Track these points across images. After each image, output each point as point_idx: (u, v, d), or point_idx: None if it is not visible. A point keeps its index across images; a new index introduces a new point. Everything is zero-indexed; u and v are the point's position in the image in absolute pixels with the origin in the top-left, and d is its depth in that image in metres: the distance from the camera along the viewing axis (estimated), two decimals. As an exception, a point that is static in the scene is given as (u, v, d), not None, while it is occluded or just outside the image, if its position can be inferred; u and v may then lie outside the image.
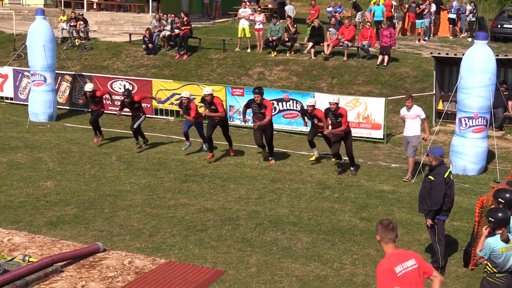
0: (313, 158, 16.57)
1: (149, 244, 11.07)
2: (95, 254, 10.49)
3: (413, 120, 15.06)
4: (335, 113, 15.42)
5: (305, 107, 16.89)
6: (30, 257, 10.04)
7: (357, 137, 19.03)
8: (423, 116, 15.16)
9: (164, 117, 21.53)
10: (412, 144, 15.04)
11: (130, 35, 27.39)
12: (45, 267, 9.70)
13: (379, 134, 19.05)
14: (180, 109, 17.44)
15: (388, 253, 6.20)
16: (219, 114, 16.36)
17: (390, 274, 6.03)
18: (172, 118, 21.39)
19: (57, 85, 22.19)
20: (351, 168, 15.80)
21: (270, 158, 16.62)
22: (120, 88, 21.95)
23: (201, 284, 9.59)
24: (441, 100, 20.18)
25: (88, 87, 18.16)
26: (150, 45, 25.64)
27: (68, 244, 11.02)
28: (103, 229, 11.72)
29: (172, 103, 21.26)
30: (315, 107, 16.26)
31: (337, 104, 15.45)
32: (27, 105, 21.66)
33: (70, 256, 10.19)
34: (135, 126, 17.46)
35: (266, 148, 16.64)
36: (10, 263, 9.79)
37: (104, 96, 19.13)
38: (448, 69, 20.43)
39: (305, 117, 16.87)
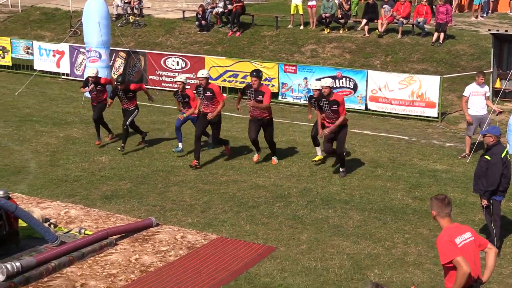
0: (317, 158, 14.60)
1: (201, 220, 11.17)
2: (148, 228, 10.64)
3: (482, 98, 14.71)
4: (329, 100, 13.31)
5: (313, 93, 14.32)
6: (86, 230, 10.25)
7: (410, 115, 18.87)
8: (489, 93, 14.81)
9: (216, 93, 21.59)
10: (483, 122, 14.67)
11: (183, 11, 27.47)
12: (100, 240, 9.88)
13: (433, 112, 18.81)
14: (176, 100, 15.54)
15: (446, 226, 6.25)
16: (218, 109, 14.16)
17: (451, 245, 6.08)
18: (225, 94, 21.42)
19: (111, 61, 22.44)
20: (340, 170, 13.76)
21: (272, 157, 14.60)
22: (173, 65, 22.08)
23: (252, 260, 9.65)
24: (498, 78, 19.79)
25: (92, 71, 15.94)
26: (203, 22, 25.68)
27: (122, 218, 11.20)
28: (156, 204, 11.86)
29: (224, 80, 21.31)
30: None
31: (330, 88, 13.27)
32: (82, 80, 21.96)
33: (124, 230, 10.36)
34: (127, 123, 15.27)
35: (257, 154, 14.56)
36: (66, 235, 10.01)
37: (107, 86, 16.49)
38: (507, 47, 19.97)
39: (312, 105, 14.81)
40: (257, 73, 14.24)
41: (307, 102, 15.47)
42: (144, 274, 9.20)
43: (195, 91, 14.69)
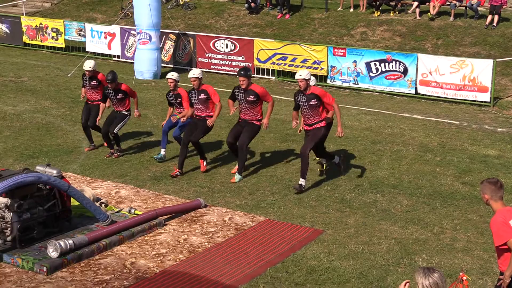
0: (322, 168, 12.75)
1: (249, 202, 11.24)
2: (196, 210, 10.75)
3: None
4: (306, 94, 11.90)
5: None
6: (136, 210, 10.40)
7: (461, 99, 18.63)
8: None
9: (265, 76, 21.58)
10: None
11: (233, -6, 27.51)
12: (149, 220, 10.04)
13: (485, 97, 18.53)
14: (169, 101, 13.78)
15: (499, 209, 6.22)
16: (216, 113, 12.75)
17: (506, 226, 6.07)
18: (273, 77, 21.43)
19: (161, 43, 22.59)
20: (337, 162, 12.57)
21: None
22: (222, 47, 22.13)
23: (300, 242, 9.68)
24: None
25: (88, 65, 13.77)
26: (252, 4, 25.64)
27: (171, 198, 11.34)
28: (204, 186, 11.97)
29: (273, 63, 21.30)
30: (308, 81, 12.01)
31: (306, 80, 11.77)
32: (133, 63, 22.18)
33: (173, 210, 10.48)
34: (115, 130, 13.40)
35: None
36: (117, 214, 10.18)
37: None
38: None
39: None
40: (245, 72, 12.73)
41: (355, 85, 15.29)
42: (192, 254, 9.31)
43: (189, 93, 13.11)
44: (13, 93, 18.80)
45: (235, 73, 21.66)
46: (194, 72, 12.93)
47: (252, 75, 21.15)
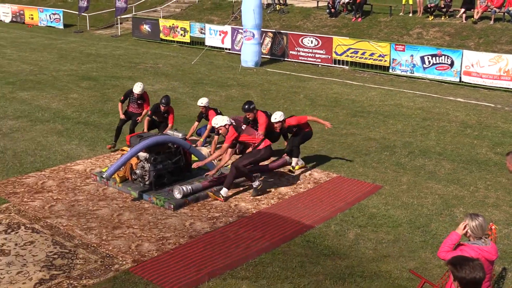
0: (297, 168, 10.71)
1: (325, 162, 11.19)
2: (284, 166, 10.76)
3: None
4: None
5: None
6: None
7: (497, 87, 17.90)
8: None
9: (341, 66, 21.28)
10: None
11: (317, 2, 27.08)
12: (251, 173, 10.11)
13: (517, 85, 17.72)
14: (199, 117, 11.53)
15: None
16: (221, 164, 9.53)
17: None
18: (347, 67, 21.09)
19: (262, 39, 22.57)
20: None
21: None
22: (308, 43, 21.94)
23: (364, 194, 9.60)
24: None
25: (138, 88, 11.52)
26: (332, 10, 25.27)
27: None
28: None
29: (347, 56, 20.96)
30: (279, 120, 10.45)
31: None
32: (240, 54, 22.29)
33: (266, 169, 10.48)
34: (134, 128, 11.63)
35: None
36: (226, 168, 10.27)
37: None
38: None
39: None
40: (248, 106, 10.49)
41: (411, 74, 14.90)
42: (280, 200, 9.37)
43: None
44: (152, 76, 19.25)
45: (318, 63, 21.52)
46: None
47: (330, 65, 21.00)
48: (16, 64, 21.03)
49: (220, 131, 9.49)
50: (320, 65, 21.58)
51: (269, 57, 23.12)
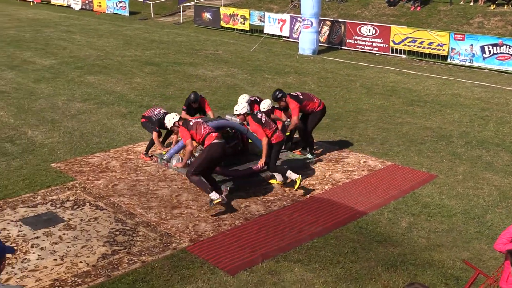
0: (274, 182, 9.34)
1: (380, 150, 10.99)
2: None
3: None
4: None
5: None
6: (292, 153, 10.46)
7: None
8: None
9: (398, 55, 20.81)
10: None
11: (376, -9, 26.61)
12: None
13: None
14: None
15: None
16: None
17: None
18: (404, 56, 20.60)
19: (319, 28, 22.31)
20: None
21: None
22: (365, 32, 21.54)
23: (418, 183, 9.39)
24: None
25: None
26: (391, -1, 24.78)
27: (320, 143, 11.29)
28: (346, 136, 11.82)
29: (405, 45, 20.47)
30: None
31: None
32: (297, 42, 22.12)
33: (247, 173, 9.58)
34: None
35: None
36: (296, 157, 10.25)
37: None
38: None
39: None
40: (277, 95, 10.04)
41: (470, 64, 14.32)
42: (334, 186, 9.28)
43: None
44: (212, 62, 19.37)
45: (375, 52, 21.12)
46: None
47: (387, 54, 20.57)
48: (84, 49, 21.57)
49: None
50: (377, 54, 21.17)
51: (327, 45, 22.84)
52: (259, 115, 8.98)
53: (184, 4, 30.21)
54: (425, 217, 8.23)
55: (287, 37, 24.32)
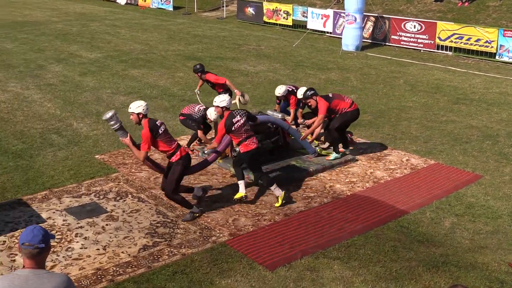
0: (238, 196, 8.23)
1: (423, 148, 10.82)
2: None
3: None
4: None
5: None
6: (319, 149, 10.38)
7: None
8: None
9: (444, 51, 20.41)
10: None
11: (423, -14, 26.15)
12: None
13: None
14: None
15: None
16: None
17: None
18: (451, 53, 20.20)
19: (363, 23, 22.07)
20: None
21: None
22: (410, 28, 21.18)
23: (462, 183, 9.20)
24: None
25: (280, 91, 10.76)
26: (438, -6, 24.31)
27: (363, 140, 11.18)
28: (389, 133, 11.68)
29: (451, 41, 20.05)
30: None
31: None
32: (341, 38, 21.94)
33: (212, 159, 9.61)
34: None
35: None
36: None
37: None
38: None
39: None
40: (308, 93, 9.82)
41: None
42: (376, 184, 9.18)
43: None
44: (254, 57, 19.39)
45: (420, 48, 20.77)
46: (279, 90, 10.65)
47: (433, 51, 20.19)
48: (129, 43, 21.91)
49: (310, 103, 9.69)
50: (422, 50, 20.82)
51: (370, 41, 22.58)
52: (235, 120, 8.15)
53: (228, 0, 30.35)
54: (469, 218, 8.06)
55: (330, 33, 24.16)
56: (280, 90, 10.68)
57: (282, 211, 8.19)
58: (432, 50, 20.57)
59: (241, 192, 8.19)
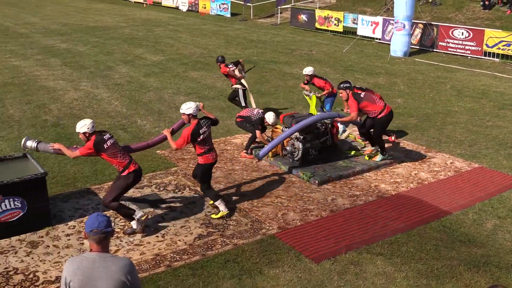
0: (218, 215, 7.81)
1: (467, 152, 10.55)
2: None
3: None
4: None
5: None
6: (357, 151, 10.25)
7: None
8: None
9: (491, 58, 19.81)
10: None
11: (471, -6, 25.45)
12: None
13: None
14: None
15: None
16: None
17: None
18: (498, 59, 19.59)
19: (412, 30, 21.67)
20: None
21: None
22: (458, 35, 20.66)
23: (505, 187, 8.93)
24: None
25: (307, 70, 11.95)
26: (486, 2, 23.55)
27: (408, 144, 10.99)
28: (434, 137, 11.45)
29: (498, 48, 19.45)
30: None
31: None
32: (389, 44, 21.62)
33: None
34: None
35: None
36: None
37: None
38: None
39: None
40: (342, 84, 9.52)
41: None
42: (419, 185, 9.03)
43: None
44: (306, 62, 19.34)
45: (467, 55, 20.23)
46: (307, 70, 11.90)
47: (480, 57, 19.62)
48: (189, 47, 22.25)
49: (341, 95, 9.56)
50: (469, 57, 20.27)
51: (418, 47, 22.15)
52: (202, 130, 7.52)
53: (282, 7, 30.35)
54: None
55: (379, 39, 23.84)
56: (307, 70, 11.81)
57: (328, 207, 8.17)
58: (479, 56, 20.01)
59: (223, 211, 7.78)
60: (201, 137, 7.52)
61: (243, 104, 12.11)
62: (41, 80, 16.11)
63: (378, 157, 9.84)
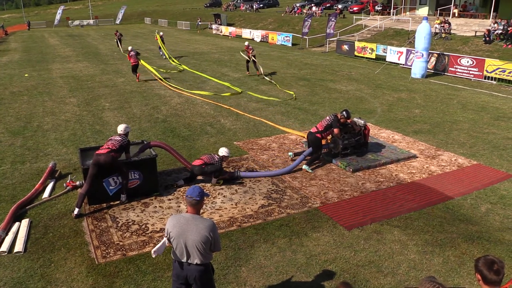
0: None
1: (468, 152, 9.97)
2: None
3: None
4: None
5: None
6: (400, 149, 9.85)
7: None
8: None
9: (489, 81, 18.56)
10: None
11: (475, 32, 23.92)
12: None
13: None
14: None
15: None
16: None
17: None
18: (494, 82, 18.34)
19: (428, 58, 20.68)
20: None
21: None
22: (464, 62, 19.50)
23: (497, 179, 8.39)
24: None
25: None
26: (487, 38, 22.11)
27: (422, 143, 10.53)
28: (442, 139, 10.89)
29: (496, 73, 18.20)
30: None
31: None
32: (410, 68, 20.73)
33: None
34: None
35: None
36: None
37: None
38: None
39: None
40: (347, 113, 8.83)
41: None
42: (430, 175, 8.63)
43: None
44: (346, 80, 18.90)
45: (470, 78, 19.07)
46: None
47: (481, 80, 18.44)
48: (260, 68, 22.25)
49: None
50: (472, 79, 19.11)
51: (433, 71, 21.08)
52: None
53: (330, 39, 29.80)
54: (501, 206, 7.34)
55: (403, 64, 22.90)
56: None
57: (359, 189, 7.96)
58: (480, 79, 18.82)
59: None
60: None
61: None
62: (155, 90, 16.64)
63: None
